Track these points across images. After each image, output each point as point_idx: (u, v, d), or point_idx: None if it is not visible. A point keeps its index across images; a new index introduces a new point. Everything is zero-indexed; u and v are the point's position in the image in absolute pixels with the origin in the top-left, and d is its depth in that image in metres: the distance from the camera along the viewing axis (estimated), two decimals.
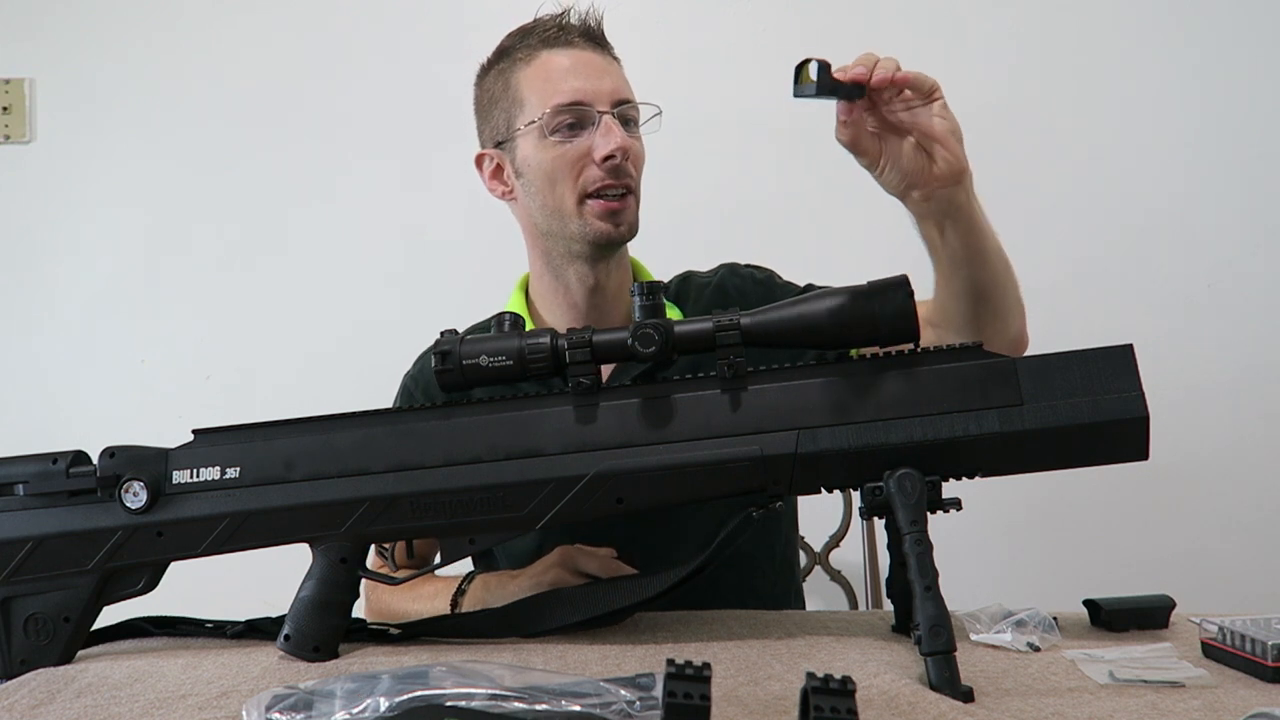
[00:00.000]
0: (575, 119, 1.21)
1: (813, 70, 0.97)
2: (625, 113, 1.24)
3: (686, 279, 1.41)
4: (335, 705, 0.69)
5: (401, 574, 1.01)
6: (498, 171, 1.30)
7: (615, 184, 1.21)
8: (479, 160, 1.32)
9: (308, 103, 2.14)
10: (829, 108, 1.04)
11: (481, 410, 0.97)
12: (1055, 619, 0.95)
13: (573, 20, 1.26)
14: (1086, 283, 2.07)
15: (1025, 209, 2.09)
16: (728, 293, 1.36)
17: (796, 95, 0.99)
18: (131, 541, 0.97)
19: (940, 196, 1.06)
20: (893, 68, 1.01)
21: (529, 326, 1.25)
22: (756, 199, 2.08)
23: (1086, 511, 2.03)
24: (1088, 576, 1.94)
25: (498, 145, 1.29)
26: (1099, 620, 0.99)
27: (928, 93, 1.03)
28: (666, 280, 1.39)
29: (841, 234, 2.06)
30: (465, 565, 1.19)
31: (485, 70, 1.31)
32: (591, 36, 1.25)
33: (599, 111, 1.20)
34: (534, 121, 1.21)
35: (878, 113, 1.04)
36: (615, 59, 1.29)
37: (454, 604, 1.19)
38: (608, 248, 1.25)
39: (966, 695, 0.77)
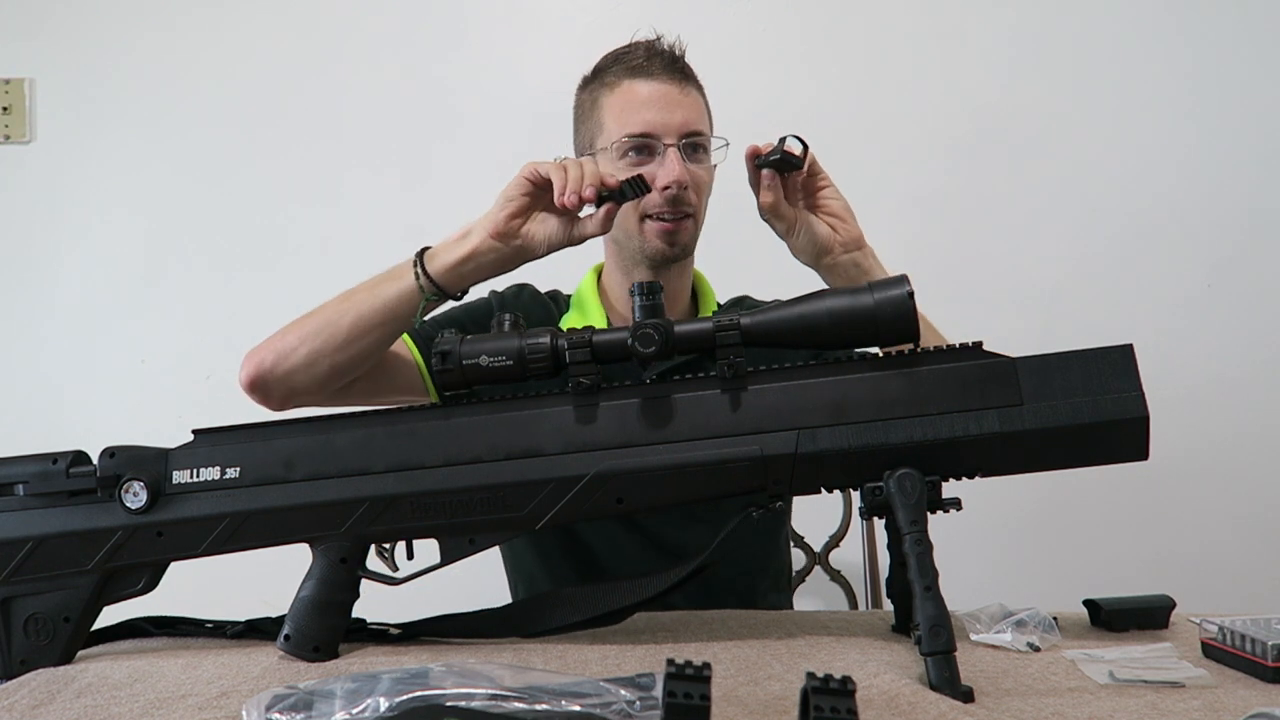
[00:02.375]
0: (643, 147, 1.30)
1: (793, 144, 1.15)
2: (693, 143, 1.31)
3: (740, 301, 1.51)
4: (335, 705, 0.69)
5: (401, 574, 1.01)
6: None
7: (672, 210, 1.30)
8: None
9: (308, 102, 2.13)
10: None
11: (481, 410, 0.97)
12: (1055, 619, 0.95)
13: (659, 50, 1.34)
14: (1086, 283, 2.07)
15: (1025, 209, 2.09)
16: None
17: (761, 163, 1.16)
18: (131, 541, 0.97)
19: (845, 261, 1.20)
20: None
21: (598, 308, 1.39)
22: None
23: (1086, 511, 2.03)
24: (1088, 576, 1.94)
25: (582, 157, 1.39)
26: (1099, 620, 0.99)
27: (819, 176, 1.21)
28: (723, 299, 1.50)
29: None
30: None
31: (582, 85, 1.39)
32: (675, 68, 1.33)
33: (665, 144, 1.29)
34: (610, 145, 1.31)
35: (790, 191, 1.20)
36: (696, 88, 1.35)
37: (419, 263, 1.14)
38: (664, 262, 1.34)
39: (966, 695, 0.77)
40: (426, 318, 1.27)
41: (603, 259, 1.46)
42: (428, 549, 0.98)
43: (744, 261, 1.54)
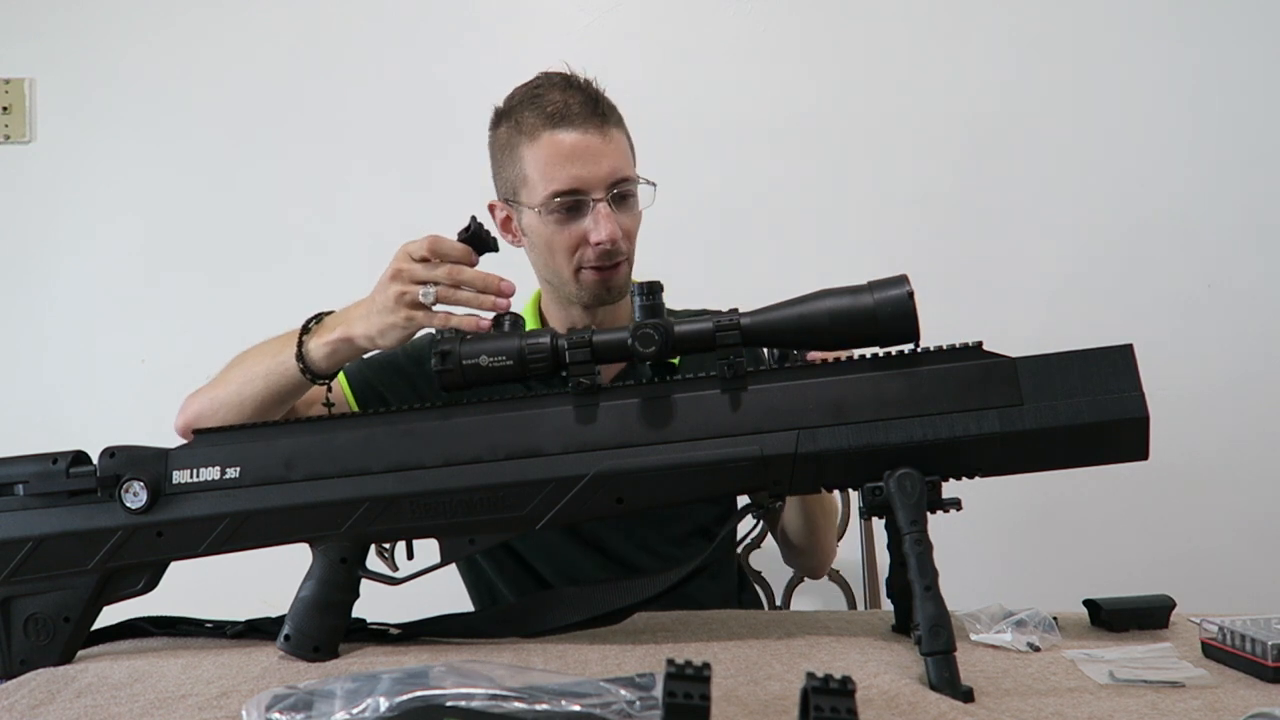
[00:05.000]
0: (572, 205, 1.23)
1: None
2: (621, 192, 1.25)
3: (701, 314, 1.46)
4: (335, 705, 0.69)
5: (401, 574, 1.01)
6: (506, 222, 1.33)
7: (608, 261, 1.25)
8: (491, 208, 1.34)
9: (308, 103, 2.13)
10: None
11: (481, 410, 0.97)
12: (1055, 619, 0.95)
13: (576, 88, 1.26)
14: (1086, 283, 2.07)
15: (1026, 209, 2.09)
16: None
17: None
18: (131, 541, 0.97)
19: None
20: None
21: None
22: (756, 199, 2.08)
23: (1086, 511, 2.03)
24: (1088, 576, 1.93)
25: (506, 201, 1.32)
26: (1099, 620, 0.99)
27: None
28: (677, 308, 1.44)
29: (841, 234, 2.06)
30: None
31: (495, 122, 1.31)
32: (594, 111, 1.24)
33: (594, 199, 1.23)
34: (537, 205, 1.24)
35: None
36: (617, 125, 1.27)
37: (301, 341, 1.14)
38: (601, 304, 1.30)
39: (966, 695, 0.77)
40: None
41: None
42: (428, 549, 0.98)
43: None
